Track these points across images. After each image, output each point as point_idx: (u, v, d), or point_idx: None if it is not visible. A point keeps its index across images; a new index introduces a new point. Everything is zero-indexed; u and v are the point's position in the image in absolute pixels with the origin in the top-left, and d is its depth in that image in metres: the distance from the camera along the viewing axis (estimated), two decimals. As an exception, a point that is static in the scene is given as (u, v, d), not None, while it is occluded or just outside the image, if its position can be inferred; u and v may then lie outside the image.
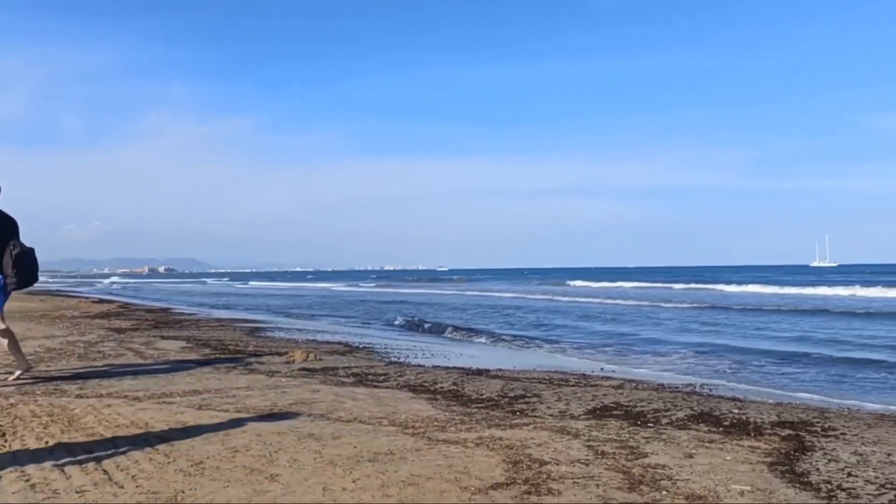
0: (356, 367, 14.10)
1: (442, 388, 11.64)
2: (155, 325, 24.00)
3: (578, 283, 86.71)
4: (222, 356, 15.10)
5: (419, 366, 14.95)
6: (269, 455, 6.79)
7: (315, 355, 15.26)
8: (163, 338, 19.21)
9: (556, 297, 52.87)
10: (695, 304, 42.40)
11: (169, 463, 6.49)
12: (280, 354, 15.54)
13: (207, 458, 6.67)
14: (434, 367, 14.88)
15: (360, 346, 19.08)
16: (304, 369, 13.39)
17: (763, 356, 18.34)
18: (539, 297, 55.93)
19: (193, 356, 14.98)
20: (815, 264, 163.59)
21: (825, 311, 35.16)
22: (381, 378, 12.62)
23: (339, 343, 19.64)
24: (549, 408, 9.94)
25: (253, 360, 14.63)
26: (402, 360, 16.17)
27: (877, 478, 6.50)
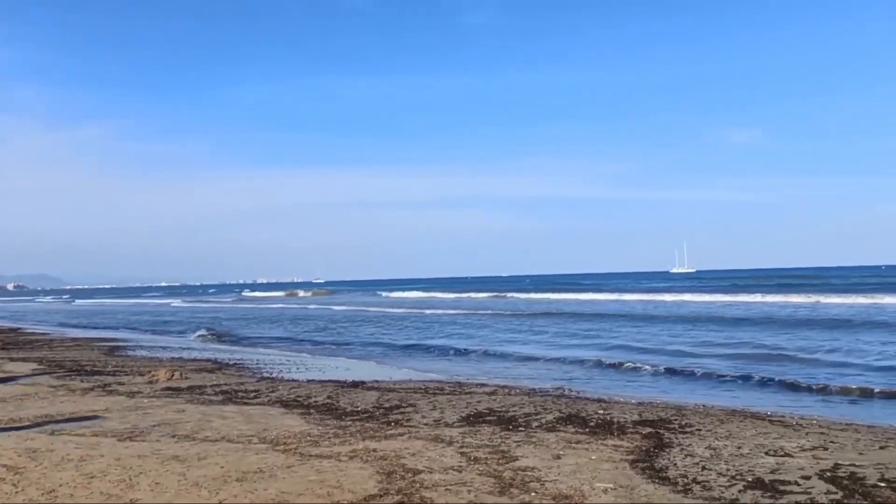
0: (225, 384, 13.62)
1: (316, 402, 11.43)
2: (2, 347, 22.28)
3: (395, 294, 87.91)
4: (78, 377, 14.19)
5: (293, 380, 14.63)
6: (128, 480, 6.42)
7: (181, 373, 14.62)
8: (11, 360, 17.85)
9: (365, 308, 52.54)
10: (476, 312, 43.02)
11: (17, 493, 6.00)
12: (142, 374, 14.78)
13: (61, 485, 6.23)
14: (308, 381, 14.60)
15: (230, 362, 18.45)
16: (168, 389, 12.79)
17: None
18: (343, 307, 54.96)
19: (46, 378, 13.99)
20: (675, 270, 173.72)
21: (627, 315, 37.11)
22: (252, 394, 12.25)
23: (208, 360, 18.92)
24: (424, 417, 9.97)
25: (112, 380, 13.84)
26: (275, 375, 15.77)
27: (728, 470, 6.93)
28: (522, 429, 9.07)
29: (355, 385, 13.75)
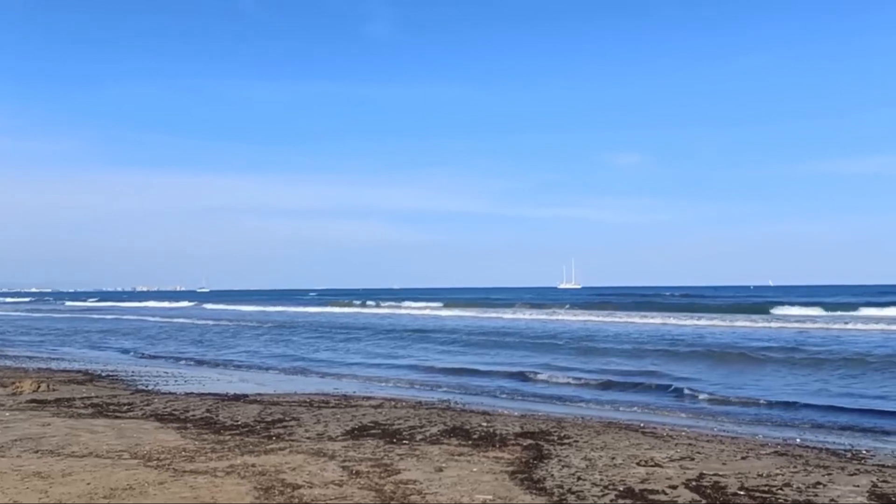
0: (97, 396, 12.94)
1: (194, 415, 11.05)
2: None
3: (211, 305, 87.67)
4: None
5: (170, 393, 14.07)
6: (-19, 500, 5.98)
7: (48, 385, 13.79)
8: None
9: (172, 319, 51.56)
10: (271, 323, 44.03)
11: None
12: (4, 385, 13.84)
13: None
14: (187, 393, 14.09)
15: (103, 373, 17.54)
16: (33, 401, 12.02)
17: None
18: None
19: None
20: (562, 286, 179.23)
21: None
22: (125, 408, 11.70)
23: (79, 371, 17.93)
24: (307, 431, 9.81)
25: (-31, 392, 12.88)
26: (151, 387, 15.11)
27: (601, 480, 7.18)
28: (406, 442, 9.08)
29: (237, 398, 13.38)
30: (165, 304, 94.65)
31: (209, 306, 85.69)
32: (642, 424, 11.19)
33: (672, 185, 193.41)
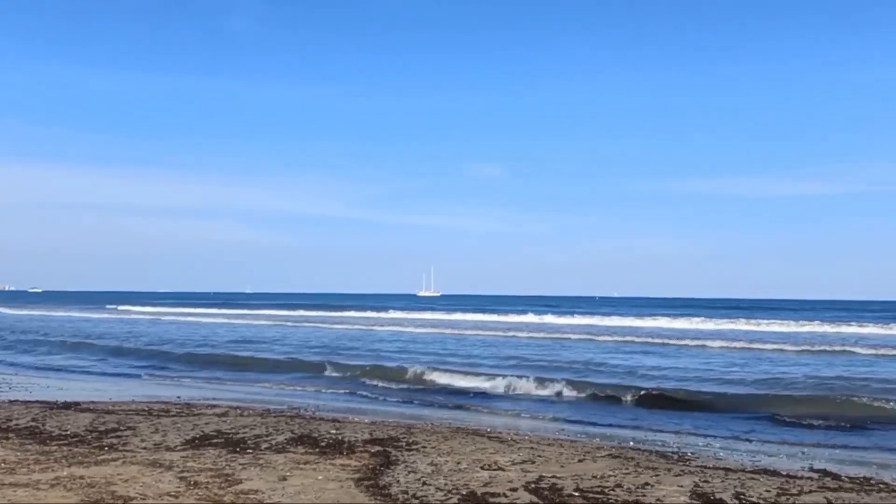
0: None
1: (17, 425, 10.21)
2: None
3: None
4: None
5: (-9, 401, 12.92)
6: None
7: None
8: None
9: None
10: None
11: None
12: None
13: None
14: (10, 401, 13.00)
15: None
16: None
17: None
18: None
19: None
20: (421, 293, 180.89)
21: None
22: (-64, 417, 10.62)
23: None
24: (143, 440, 9.32)
25: None
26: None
27: (446, 485, 7.29)
28: (251, 451, 8.82)
29: (67, 406, 12.49)
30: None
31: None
32: (489, 430, 11.48)
33: (530, 196, 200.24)
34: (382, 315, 60.75)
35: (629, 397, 16.34)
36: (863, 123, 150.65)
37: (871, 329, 41.84)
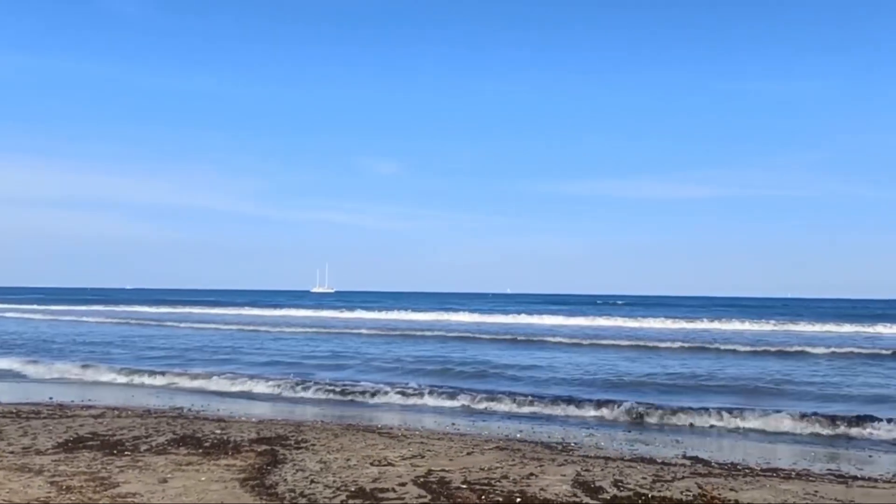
0: None
1: None
2: None
3: None
4: None
5: None
6: None
7: None
8: None
9: None
10: None
11: None
12: None
13: None
14: None
15: None
16: None
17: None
18: None
19: None
20: (315, 290, 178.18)
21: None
22: None
23: None
24: (10, 444, 8.76)
25: None
26: None
27: (334, 482, 7.24)
28: (129, 453, 8.45)
29: (-76, 410, 11.56)
30: None
31: None
32: (380, 426, 11.47)
33: (425, 193, 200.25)
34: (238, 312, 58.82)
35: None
36: (735, 130, 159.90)
37: (738, 326, 43.61)
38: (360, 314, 56.89)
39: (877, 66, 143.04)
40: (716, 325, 44.31)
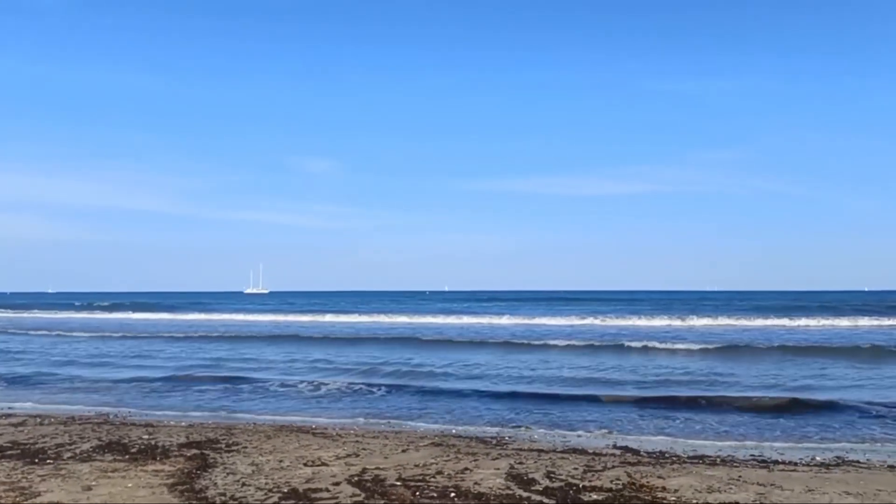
0: None
1: None
2: None
3: None
4: None
5: None
6: None
7: None
8: None
9: None
10: None
11: None
12: None
13: None
14: None
15: None
16: None
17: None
18: None
19: None
20: (248, 291, 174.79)
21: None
22: None
23: None
24: (-79, 457, 8.34)
25: None
26: None
27: (266, 484, 7.14)
28: (51, 461, 8.16)
29: None
30: None
31: None
32: (314, 426, 11.37)
33: (360, 192, 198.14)
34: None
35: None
36: (655, 129, 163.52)
37: (635, 321, 42.98)
38: (250, 317, 55.34)
39: (797, 65, 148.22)
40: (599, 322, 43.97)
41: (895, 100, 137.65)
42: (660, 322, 41.94)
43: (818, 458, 9.15)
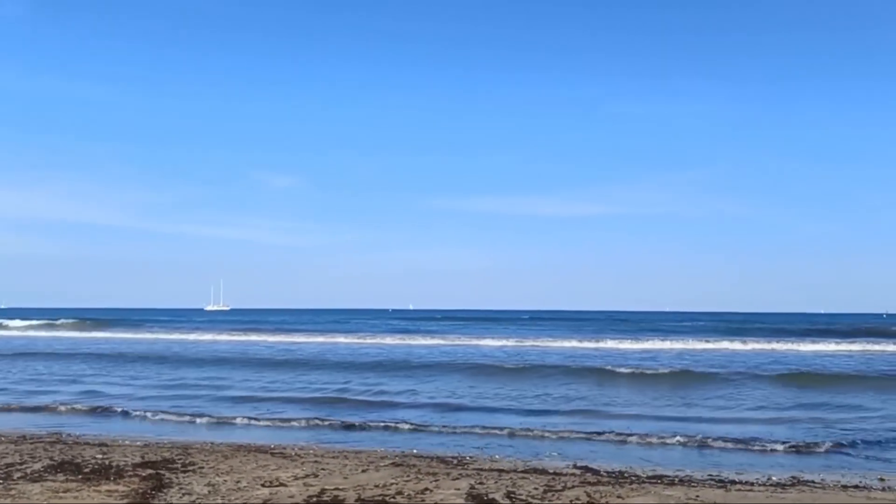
0: None
1: None
2: None
3: None
4: None
5: None
6: None
7: None
8: None
9: None
10: None
11: None
12: None
13: None
14: None
15: None
16: None
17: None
18: None
19: None
20: (209, 308, 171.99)
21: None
22: None
23: None
24: None
25: None
26: None
27: (223, 504, 7.04)
28: (0, 481, 7.93)
29: None
30: None
31: None
32: (273, 446, 11.22)
33: (326, 209, 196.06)
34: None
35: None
36: (625, 151, 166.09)
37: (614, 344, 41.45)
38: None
39: (760, 89, 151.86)
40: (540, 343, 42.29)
41: (847, 126, 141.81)
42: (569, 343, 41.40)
43: (774, 478, 9.30)
